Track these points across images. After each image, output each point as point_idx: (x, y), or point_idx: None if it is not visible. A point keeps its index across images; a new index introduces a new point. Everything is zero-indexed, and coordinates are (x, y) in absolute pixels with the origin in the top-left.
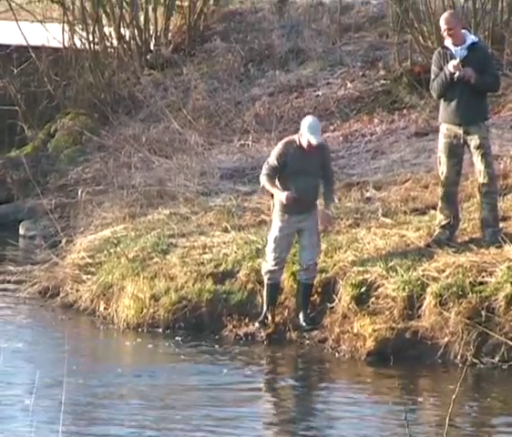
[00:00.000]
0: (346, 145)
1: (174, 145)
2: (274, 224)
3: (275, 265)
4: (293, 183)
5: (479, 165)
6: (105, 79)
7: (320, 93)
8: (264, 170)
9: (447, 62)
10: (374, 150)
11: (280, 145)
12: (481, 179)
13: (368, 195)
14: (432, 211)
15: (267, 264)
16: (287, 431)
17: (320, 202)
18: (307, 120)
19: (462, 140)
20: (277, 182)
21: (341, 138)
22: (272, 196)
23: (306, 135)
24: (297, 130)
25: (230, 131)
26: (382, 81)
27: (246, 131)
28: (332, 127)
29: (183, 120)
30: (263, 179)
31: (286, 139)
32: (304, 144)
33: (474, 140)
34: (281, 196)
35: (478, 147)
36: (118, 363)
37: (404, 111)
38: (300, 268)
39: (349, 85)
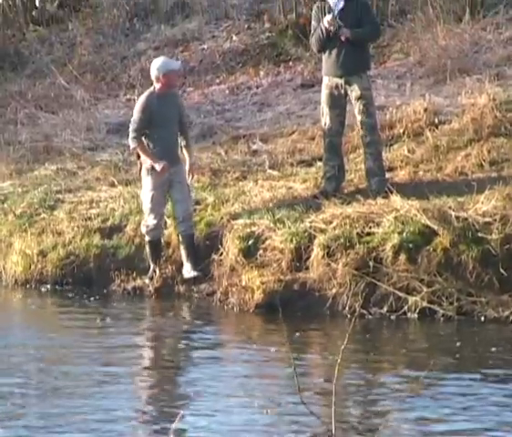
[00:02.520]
0: (232, 98)
1: (60, 100)
2: (146, 182)
3: (156, 222)
4: (160, 133)
5: (360, 116)
6: None
7: (205, 46)
8: (132, 133)
9: (326, 15)
10: (261, 103)
11: (140, 100)
12: (362, 131)
13: (255, 147)
14: (318, 163)
15: (146, 223)
16: (169, 385)
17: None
18: (157, 61)
19: (343, 91)
20: (144, 140)
21: (227, 91)
22: (139, 156)
23: (165, 69)
24: (182, 84)
25: (116, 86)
26: (267, 33)
27: (132, 86)
28: (217, 81)
29: (69, 76)
30: (134, 143)
31: (145, 94)
32: (159, 86)
33: (354, 91)
34: (155, 166)
35: (359, 98)
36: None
37: (290, 63)
38: (177, 221)
39: (234, 38)
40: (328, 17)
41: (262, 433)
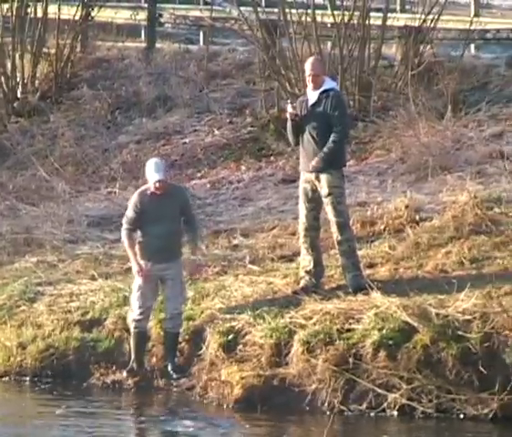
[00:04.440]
0: (213, 192)
1: (41, 192)
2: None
3: (140, 314)
4: (152, 231)
5: (329, 214)
6: None
7: (187, 140)
8: (124, 225)
9: (303, 109)
10: (242, 197)
11: (134, 195)
12: (333, 229)
13: (236, 242)
14: (299, 258)
15: (133, 313)
16: None
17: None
18: (150, 162)
19: (315, 186)
20: (138, 233)
21: (208, 185)
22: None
23: (151, 176)
24: None
25: (98, 179)
26: (249, 128)
27: (113, 179)
28: (199, 175)
29: (50, 168)
30: (123, 235)
31: (140, 189)
32: (153, 187)
33: (323, 188)
34: (134, 268)
35: (328, 196)
36: None
37: (272, 158)
38: (165, 317)
39: (216, 132)
40: (289, 107)
41: None
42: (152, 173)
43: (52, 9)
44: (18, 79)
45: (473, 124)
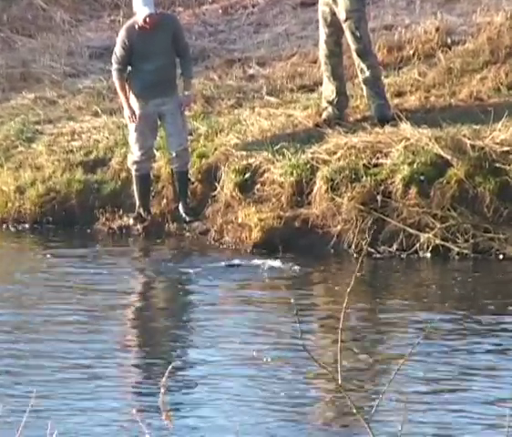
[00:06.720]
0: (226, 18)
1: (38, 22)
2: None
3: (142, 155)
4: (142, 67)
5: (349, 40)
6: None
7: None
8: (114, 64)
9: None
10: (257, 23)
11: (121, 31)
12: (353, 55)
13: (251, 72)
14: (321, 88)
15: (132, 155)
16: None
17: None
18: None
19: (334, 10)
20: (129, 69)
21: (220, 11)
22: (127, 80)
23: (140, 9)
24: (172, 4)
25: (100, 6)
26: None
27: (116, 6)
28: None
29: None
30: (114, 76)
31: (126, 24)
32: (141, 21)
33: (341, 13)
34: (126, 112)
35: (346, 20)
36: None
37: None
38: (170, 156)
39: None
40: None
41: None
42: (140, 6)
43: None
44: None
45: None
